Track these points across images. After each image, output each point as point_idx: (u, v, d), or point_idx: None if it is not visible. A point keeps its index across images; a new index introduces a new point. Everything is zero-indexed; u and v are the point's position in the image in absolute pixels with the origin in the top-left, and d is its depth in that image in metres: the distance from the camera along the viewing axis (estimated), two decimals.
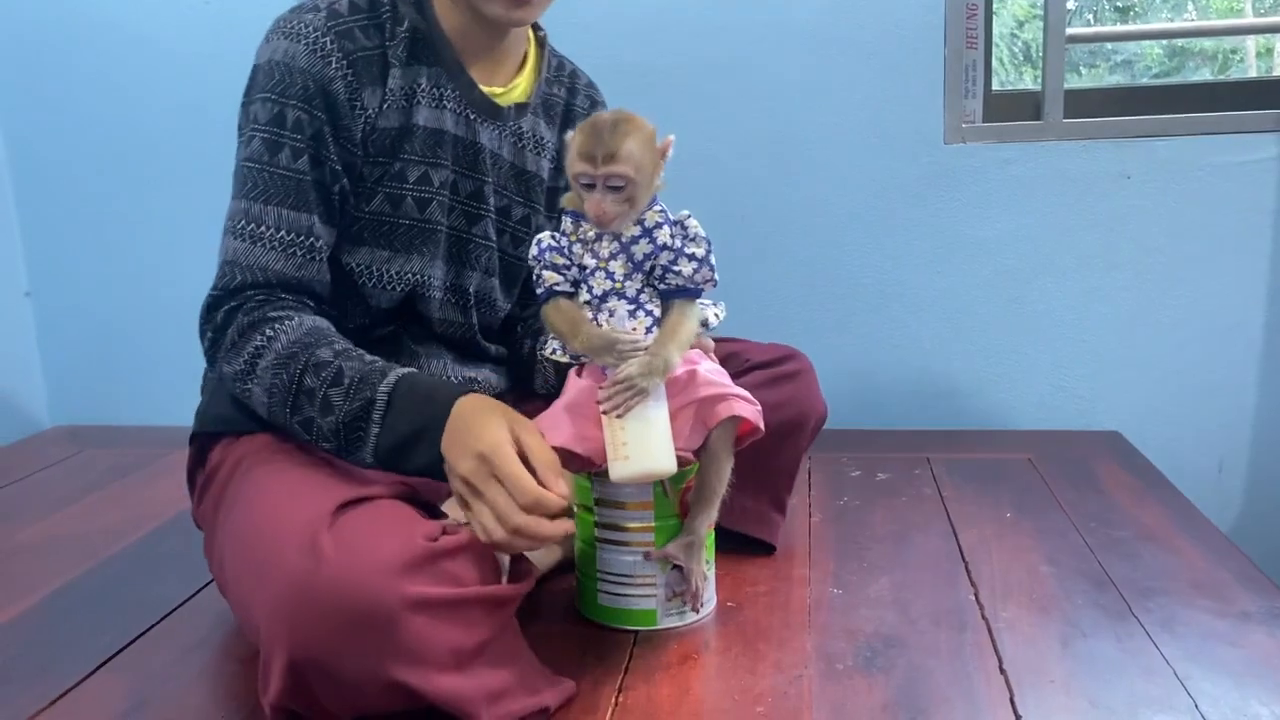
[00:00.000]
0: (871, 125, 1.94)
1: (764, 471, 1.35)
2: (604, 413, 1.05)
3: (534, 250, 1.12)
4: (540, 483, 0.97)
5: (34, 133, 2.18)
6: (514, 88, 1.29)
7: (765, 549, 1.39)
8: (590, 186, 1.04)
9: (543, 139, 1.33)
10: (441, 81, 1.22)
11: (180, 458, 1.29)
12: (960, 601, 1.24)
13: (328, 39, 1.14)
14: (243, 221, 1.14)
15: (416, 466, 1.03)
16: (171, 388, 1.15)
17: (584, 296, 1.10)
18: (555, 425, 1.09)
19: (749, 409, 1.13)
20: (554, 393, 1.28)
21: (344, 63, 1.14)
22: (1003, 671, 1.08)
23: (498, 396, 1.36)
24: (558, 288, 1.10)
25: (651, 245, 1.08)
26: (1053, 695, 1.03)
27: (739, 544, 1.38)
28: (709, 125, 1.97)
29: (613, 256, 1.08)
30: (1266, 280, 1.89)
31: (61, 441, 2.12)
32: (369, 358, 1.08)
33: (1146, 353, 1.94)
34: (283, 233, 1.13)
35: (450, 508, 1.14)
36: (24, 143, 2.19)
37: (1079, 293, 1.94)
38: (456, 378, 1.30)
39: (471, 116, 1.24)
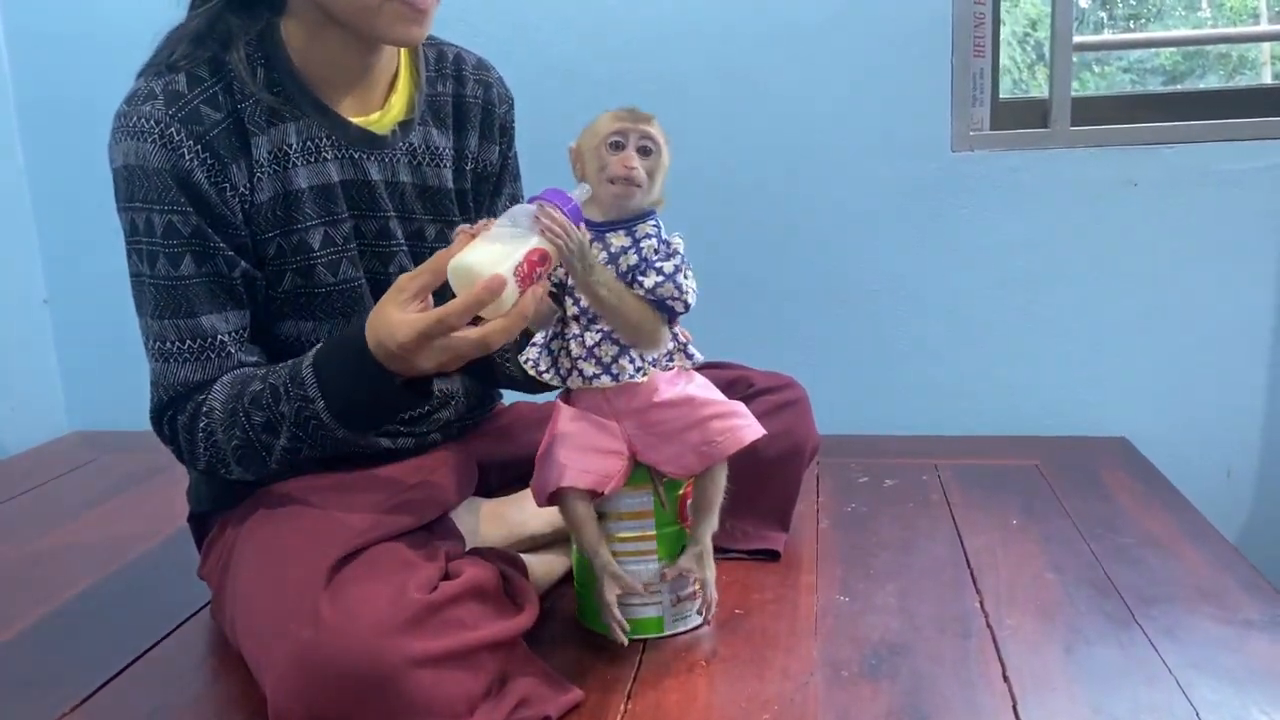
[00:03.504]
0: (879, 133, 1.96)
1: (764, 499, 1.38)
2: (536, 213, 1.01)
3: None
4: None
5: (53, 142, 2.21)
6: (390, 108, 1.22)
7: (771, 555, 1.40)
8: (620, 146, 1.06)
9: (438, 148, 1.25)
10: (313, 132, 1.14)
11: None
12: (965, 609, 1.26)
13: (174, 128, 1.06)
14: (150, 340, 1.12)
15: (387, 406, 1.04)
16: None
17: (571, 310, 1.11)
18: (556, 468, 1.11)
19: (751, 431, 1.14)
20: (523, 387, 1.27)
21: (198, 148, 1.07)
22: (1006, 679, 1.09)
23: (480, 404, 1.37)
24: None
25: (637, 256, 1.08)
26: (1055, 702, 1.05)
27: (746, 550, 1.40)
28: (718, 132, 1.98)
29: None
30: (1275, 287, 1.89)
31: (79, 447, 2.15)
32: (291, 361, 1.07)
33: (1155, 359, 1.94)
34: (187, 343, 1.10)
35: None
36: (43, 152, 2.22)
37: (1086, 299, 1.95)
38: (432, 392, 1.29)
39: (355, 155, 1.17)
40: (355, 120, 1.18)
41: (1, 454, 2.11)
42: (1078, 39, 1.92)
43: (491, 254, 0.96)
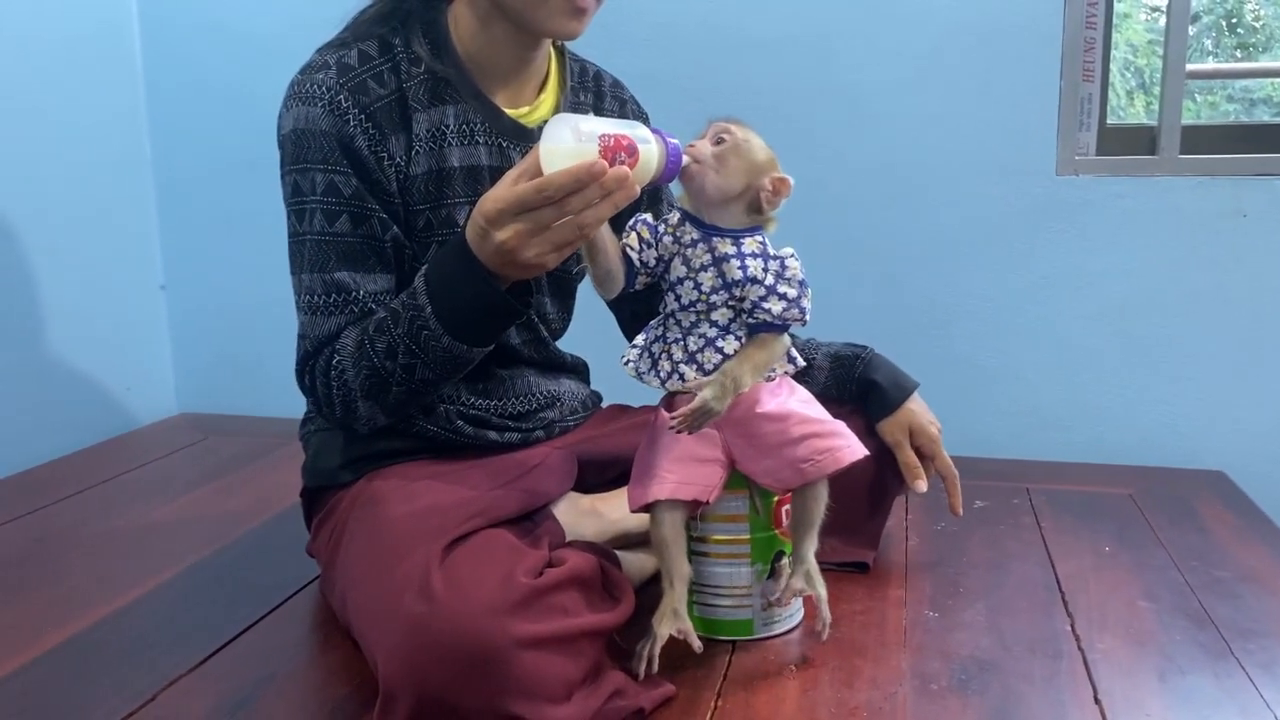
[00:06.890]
0: (984, 154, 1.95)
1: (856, 517, 1.38)
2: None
3: (630, 222, 1.16)
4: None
5: (180, 136, 2.31)
6: (539, 105, 1.31)
7: (860, 567, 1.41)
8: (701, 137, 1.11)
9: None
10: (469, 116, 1.23)
11: (297, 450, 1.37)
12: (1056, 630, 1.25)
13: (342, 95, 1.15)
14: (300, 295, 1.20)
15: (486, 307, 1.06)
16: (293, 383, 1.24)
17: (670, 305, 1.13)
18: (657, 479, 1.12)
19: (851, 453, 1.15)
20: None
21: (362, 117, 1.16)
22: (1098, 701, 1.09)
23: (582, 407, 1.42)
24: (629, 249, 1.13)
25: (741, 271, 1.09)
26: None
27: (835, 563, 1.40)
28: (821, 151, 2.00)
29: (703, 268, 1.10)
30: None
31: (187, 428, 2.24)
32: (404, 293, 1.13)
33: (1255, 393, 1.91)
34: (333, 296, 1.18)
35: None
36: (170, 145, 2.32)
37: (1188, 329, 1.92)
38: (540, 392, 1.34)
39: (504, 144, 1.26)
40: (508, 111, 1.27)
41: (114, 431, 2.20)
42: (1190, 67, 1.90)
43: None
